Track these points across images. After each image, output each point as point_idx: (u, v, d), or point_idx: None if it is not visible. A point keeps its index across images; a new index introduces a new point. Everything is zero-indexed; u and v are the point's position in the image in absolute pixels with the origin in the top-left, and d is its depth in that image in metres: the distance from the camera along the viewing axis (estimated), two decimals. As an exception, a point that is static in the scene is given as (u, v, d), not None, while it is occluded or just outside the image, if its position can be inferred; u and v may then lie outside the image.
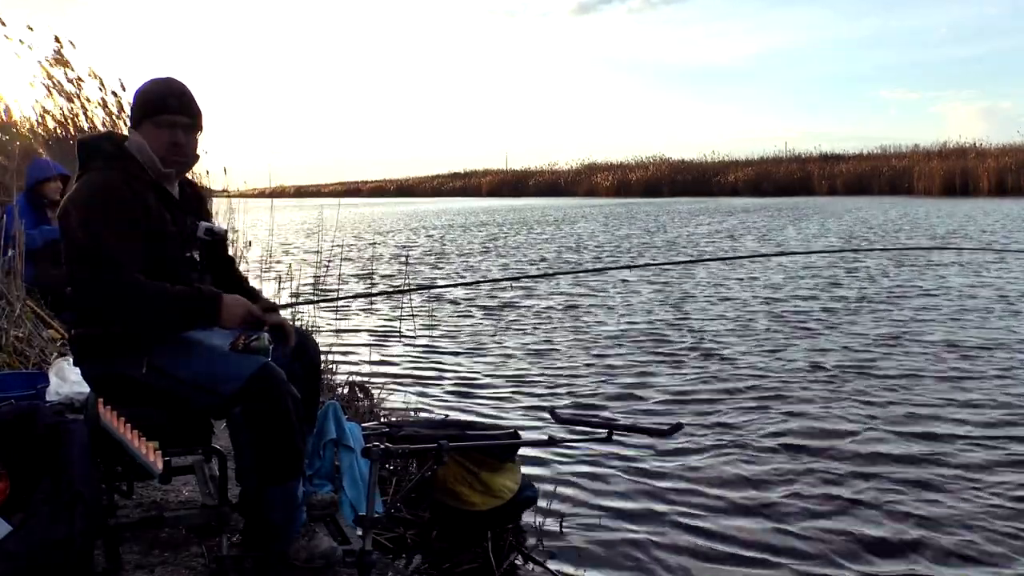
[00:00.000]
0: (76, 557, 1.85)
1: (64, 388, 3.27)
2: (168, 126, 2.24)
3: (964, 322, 6.84)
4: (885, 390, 4.82)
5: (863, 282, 9.40)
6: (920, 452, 3.79)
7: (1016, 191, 31.25)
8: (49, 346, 4.28)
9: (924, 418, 4.29)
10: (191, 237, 2.32)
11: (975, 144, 38.68)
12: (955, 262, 10.97)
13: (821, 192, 39.66)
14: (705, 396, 4.82)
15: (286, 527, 2.25)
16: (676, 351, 6.04)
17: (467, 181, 60.82)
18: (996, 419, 4.23)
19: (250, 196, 7.41)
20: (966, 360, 5.51)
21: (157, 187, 2.25)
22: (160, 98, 2.24)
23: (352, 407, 4.13)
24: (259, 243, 9.25)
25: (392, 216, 30.56)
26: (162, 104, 2.24)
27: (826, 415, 4.37)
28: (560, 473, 3.60)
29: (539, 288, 9.57)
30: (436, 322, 7.57)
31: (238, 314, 2.17)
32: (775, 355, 5.82)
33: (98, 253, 2.05)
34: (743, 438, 4.04)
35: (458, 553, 2.76)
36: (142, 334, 2.14)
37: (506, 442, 2.92)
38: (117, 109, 7.67)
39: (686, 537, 3.00)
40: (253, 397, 2.10)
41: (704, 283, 9.69)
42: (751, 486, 3.44)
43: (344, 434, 2.80)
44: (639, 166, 50.34)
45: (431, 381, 5.40)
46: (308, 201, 34.65)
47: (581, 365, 5.68)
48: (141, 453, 2.02)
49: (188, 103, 2.27)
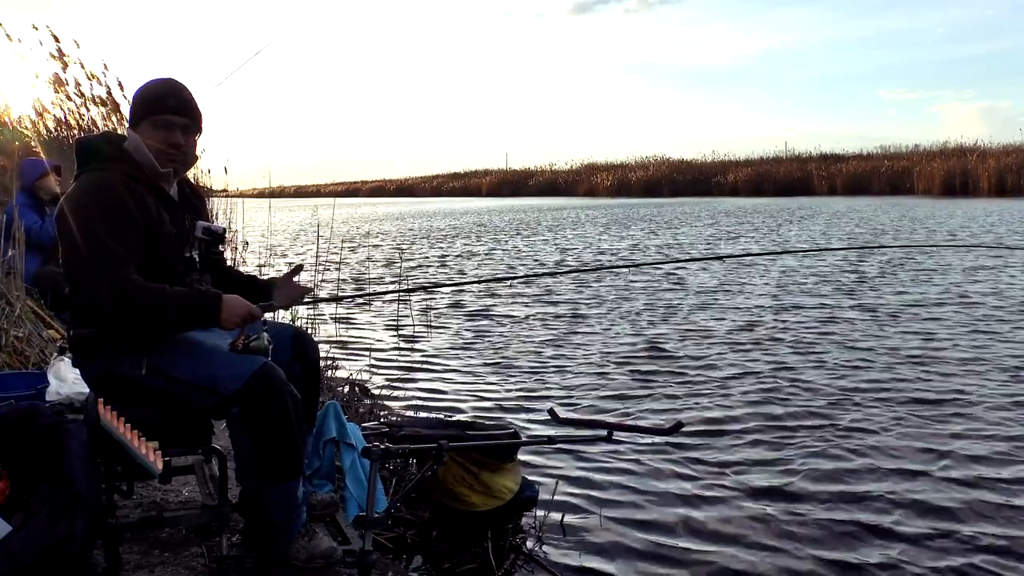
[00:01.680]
0: (76, 557, 1.85)
1: (64, 388, 3.27)
2: (165, 126, 2.23)
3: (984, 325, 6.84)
4: (893, 380, 4.82)
5: (866, 283, 9.40)
6: (931, 447, 3.79)
7: (1016, 191, 31.24)
8: (49, 346, 4.27)
9: (932, 408, 4.29)
10: (189, 237, 2.32)
11: (975, 144, 38.72)
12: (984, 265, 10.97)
13: (821, 192, 39.66)
14: (705, 396, 4.82)
15: (286, 527, 2.25)
16: (676, 351, 6.04)
17: (467, 181, 60.84)
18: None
19: (249, 196, 7.41)
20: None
21: (155, 187, 2.25)
22: (158, 98, 2.24)
23: (352, 407, 4.13)
24: (258, 244, 9.27)
25: (392, 217, 30.55)
26: (160, 104, 2.23)
27: (827, 414, 4.37)
28: (560, 473, 3.60)
29: (540, 289, 9.57)
30: (436, 322, 7.57)
31: (238, 314, 2.17)
32: (776, 355, 5.82)
33: (95, 253, 2.05)
34: (743, 437, 4.04)
35: (458, 553, 2.77)
36: (140, 334, 2.13)
37: (506, 442, 2.92)
38: (112, 108, 7.66)
39: (686, 537, 3.00)
40: (253, 397, 2.10)
41: (705, 283, 9.68)
42: (752, 485, 3.44)
43: (346, 433, 2.80)
44: (639, 166, 50.37)
45: (431, 381, 5.40)
46: (307, 201, 34.66)
47: (581, 365, 5.68)
48: (141, 453, 2.02)
49: (186, 103, 2.26)
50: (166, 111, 2.23)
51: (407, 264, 12.62)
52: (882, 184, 37.79)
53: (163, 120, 2.23)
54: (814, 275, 10.11)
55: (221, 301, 2.15)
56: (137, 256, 2.12)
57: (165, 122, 2.23)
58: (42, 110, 7.90)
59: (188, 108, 2.27)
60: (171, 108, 2.23)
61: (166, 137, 2.23)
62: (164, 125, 2.23)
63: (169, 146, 2.24)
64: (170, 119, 2.23)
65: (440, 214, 30.40)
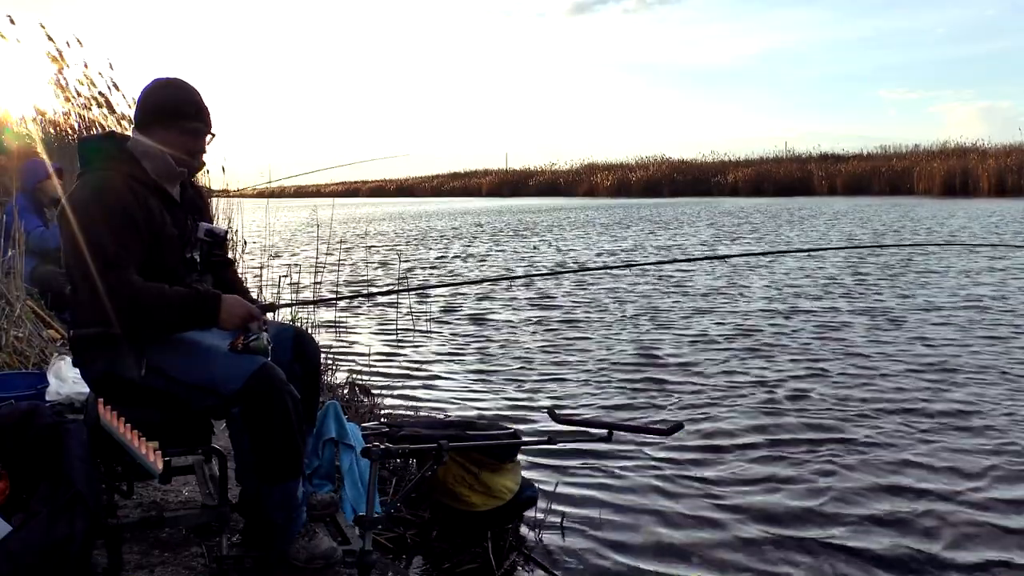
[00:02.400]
0: (76, 557, 1.85)
1: (64, 388, 3.26)
2: (192, 133, 2.26)
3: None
4: (890, 389, 4.82)
5: (869, 284, 9.40)
6: (942, 452, 3.79)
7: (1016, 191, 31.23)
8: (49, 346, 4.27)
9: (943, 421, 4.29)
10: (191, 238, 2.32)
11: (975, 144, 38.70)
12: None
13: (821, 192, 39.63)
14: (706, 395, 4.82)
15: (286, 527, 2.25)
16: (676, 351, 6.04)
17: (467, 181, 60.74)
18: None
19: (249, 196, 7.39)
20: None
21: (158, 189, 2.25)
22: (179, 104, 2.25)
23: (352, 407, 4.13)
24: (256, 244, 9.25)
25: (392, 217, 30.55)
26: (180, 111, 2.25)
27: (828, 414, 4.37)
28: (560, 473, 3.60)
29: (539, 289, 9.57)
30: (436, 322, 7.57)
31: (238, 314, 2.17)
32: (777, 355, 5.82)
33: (96, 253, 2.05)
34: (744, 437, 4.04)
35: (458, 553, 2.77)
36: (140, 334, 2.13)
37: (506, 442, 2.92)
38: (108, 108, 7.64)
39: (687, 537, 3.00)
40: (252, 397, 2.10)
41: (705, 284, 9.68)
42: (752, 485, 3.45)
43: (345, 433, 2.80)
44: (639, 166, 50.28)
45: (431, 381, 5.40)
46: (308, 201, 34.68)
47: (581, 365, 5.68)
48: (141, 453, 2.02)
49: (203, 108, 2.29)
50: (188, 118, 2.25)
51: (405, 265, 12.63)
52: (882, 184, 37.76)
53: (191, 128, 2.26)
54: (814, 277, 10.11)
55: (220, 301, 2.15)
56: (138, 257, 2.12)
57: (193, 129, 2.26)
58: (43, 111, 7.90)
59: (206, 113, 2.30)
60: (191, 115, 2.26)
61: (190, 143, 2.27)
62: (189, 132, 2.25)
63: (192, 153, 2.27)
64: (197, 127, 2.27)
65: (439, 214, 30.38)
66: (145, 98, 2.29)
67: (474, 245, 16.30)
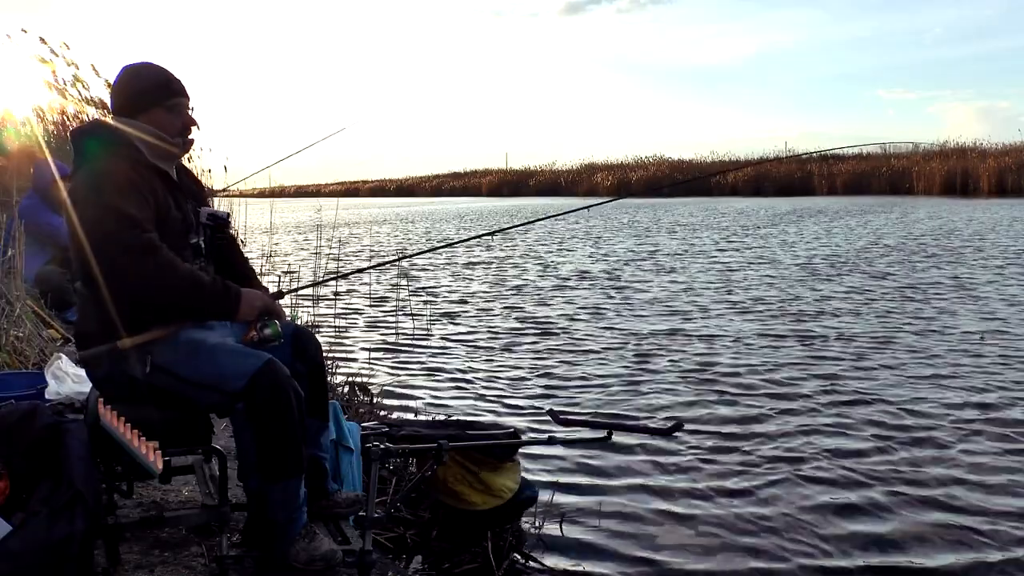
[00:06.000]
0: (76, 557, 1.85)
1: (64, 388, 3.26)
2: (176, 109, 2.27)
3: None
4: (890, 389, 4.82)
5: (872, 284, 9.40)
6: (928, 455, 3.79)
7: (1016, 191, 31.23)
8: (49, 346, 4.27)
9: (942, 416, 4.29)
10: (194, 223, 2.32)
11: (975, 144, 38.68)
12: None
13: (821, 192, 39.62)
14: (706, 395, 4.82)
15: (287, 527, 2.24)
16: (677, 351, 6.04)
17: (467, 181, 60.70)
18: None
19: (250, 196, 7.41)
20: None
21: (159, 171, 2.24)
22: (165, 82, 2.27)
23: (352, 407, 4.13)
24: (255, 245, 9.26)
25: (391, 217, 30.54)
26: (168, 88, 2.26)
27: (827, 414, 4.37)
28: (560, 473, 3.60)
29: (539, 289, 9.57)
30: (436, 322, 7.57)
31: (256, 306, 2.20)
32: (777, 355, 5.81)
33: (120, 219, 2.01)
34: (744, 437, 4.04)
35: (458, 553, 2.77)
36: (149, 315, 2.11)
37: (506, 442, 2.92)
38: (103, 107, 7.65)
39: (686, 536, 3.00)
40: (257, 392, 2.09)
41: (706, 284, 9.69)
42: (752, 485, 3.44)
43: (344, 435, 2.79)
44: (639, 166, 50.30)
45: (431, 381, 5.40)
46: (308, 202, 34.65)
47: (581, 365, 5.68)
48: (141, 453, 2.02)
49: (177, 80, 2.31)
50: (176, 94, 2.28)
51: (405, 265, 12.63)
52: (882, 184, 37.74)
53: (173, 104, 2.27)
54: (814, 277, 10.11)
55: (241, 298, 2.17)
56: (154, 226, 2.09)
57: (176, 104, 2.28)
58: (43, 112, 7.89)
59: (180, 84, 2.31)
60: (178, 91, 2.29)
61: (176, 119, 2.28)
62: (177, 108, 2.28)
63: (186, 127, 2.29)
64: (178, 101, 2.29)
65: (439, 215, 30.36)
66: (124, 86, 2.27)
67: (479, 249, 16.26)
